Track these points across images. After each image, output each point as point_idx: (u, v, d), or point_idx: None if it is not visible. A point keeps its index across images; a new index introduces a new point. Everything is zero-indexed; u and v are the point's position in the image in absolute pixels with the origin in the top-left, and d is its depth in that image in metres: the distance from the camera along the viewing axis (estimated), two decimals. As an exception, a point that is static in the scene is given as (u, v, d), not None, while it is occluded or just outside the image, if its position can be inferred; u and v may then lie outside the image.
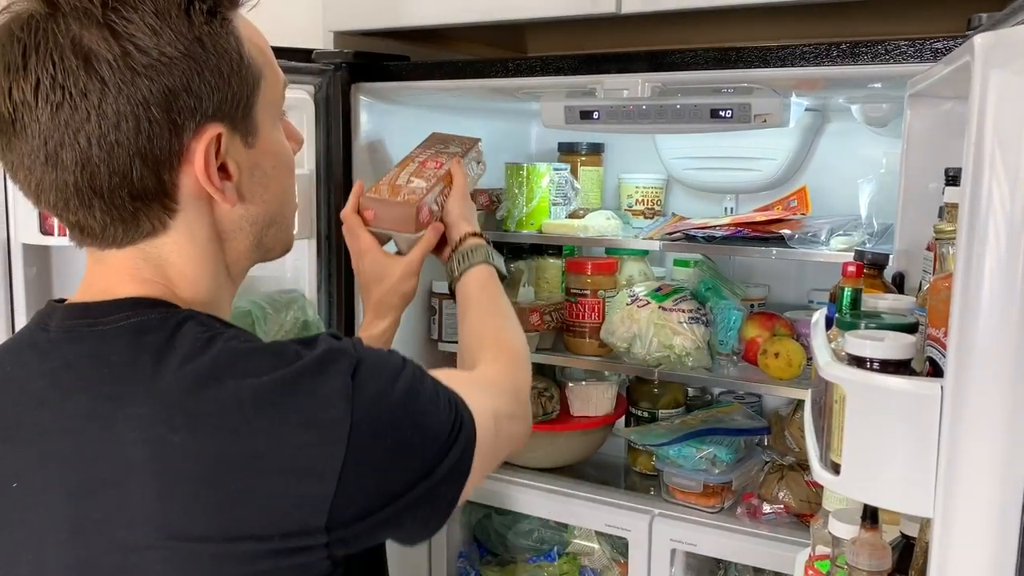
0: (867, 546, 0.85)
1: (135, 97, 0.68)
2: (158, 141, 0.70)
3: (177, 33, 0.69)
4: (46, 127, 0.68)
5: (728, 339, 1.57)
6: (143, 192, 0.72)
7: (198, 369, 0.70)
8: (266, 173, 0.80)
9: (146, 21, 0.68)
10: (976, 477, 0.68)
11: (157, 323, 0.73)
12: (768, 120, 1.35)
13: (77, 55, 0.67)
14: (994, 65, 0.65)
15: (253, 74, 0.75)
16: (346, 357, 0.73)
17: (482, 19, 1.46)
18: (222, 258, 0.80)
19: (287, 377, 0.70)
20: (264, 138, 0.79)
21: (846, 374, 0.77)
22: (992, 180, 0.65)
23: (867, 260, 1.04)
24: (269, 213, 0.81)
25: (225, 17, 0.73)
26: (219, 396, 0.69)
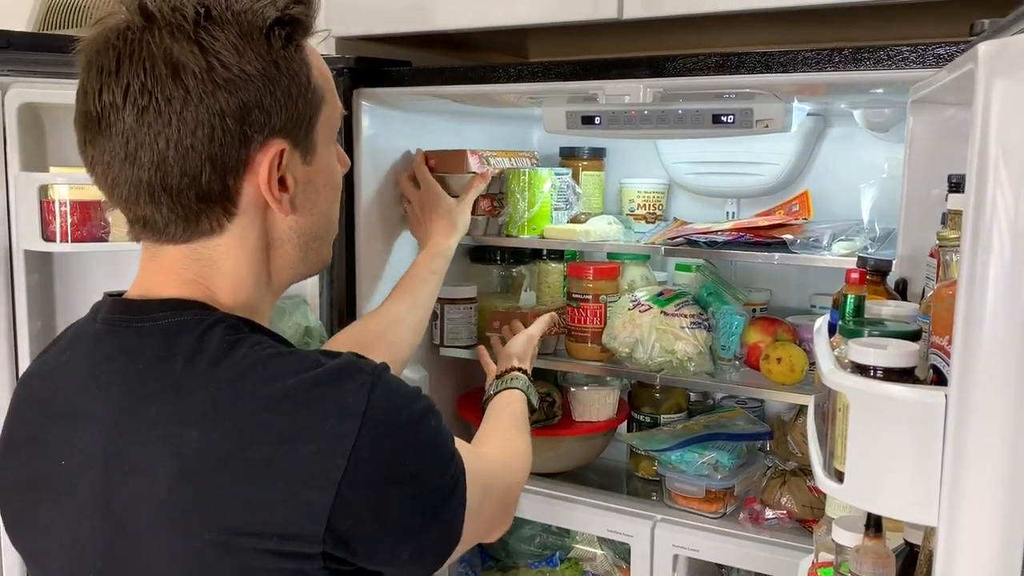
0: (871, 554, 0.84)
1: (213, 108, 0.75)
2: (228, 150, 0.76)
3: (257, 54, 0.76)
4: (130, 128, 0.75)
5: (730, 344, 1.57)
6: (208, 194, 0.78)
7: (219, 373, 0.75)
8: (317, 190, 0.85)
9: (230, 40, 0.75)
10: (981, 486, 0.68)
11: (191, 325, 0.78)
12: (770, 125, 1.35)
13: (167, 65, 0.74)
14: (998, 73, 0.64)
15: (317, 98, 0.82)
16: (364, 374, 0.76)
17: (484, 25, 1.46)
18: (267, 266, 0.84)
19: (303, 384, 0.74)
20: (320, 157, 0.85)
21: (849, 382, 0.76)
22: (996, 188, 0.65)
23: (870, 266, 1.04)
24: (315, 226, 0.87)
25: (299, 44, 0.80)
26: (236, 400, 0.73)
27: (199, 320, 0.78)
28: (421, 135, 1.74)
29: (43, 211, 1.27)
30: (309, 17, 0.81)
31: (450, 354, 1.77)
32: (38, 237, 1.26)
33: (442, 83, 1.49)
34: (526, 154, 1.87)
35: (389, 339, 1.40)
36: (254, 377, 0.74)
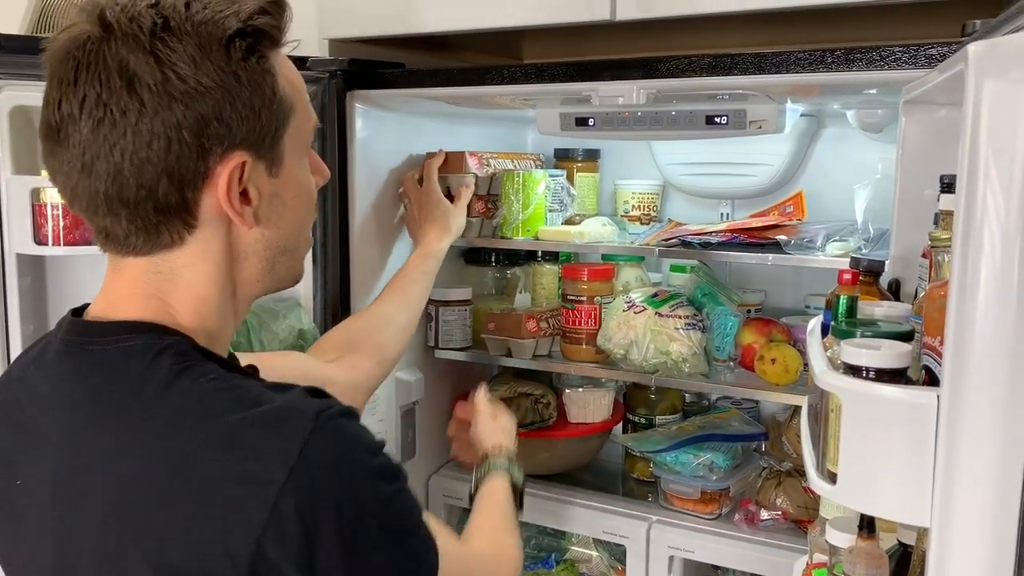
0: (864, 555, 0.85)
1: (169, 120, 0.73)
2: (185, 162, 0.75)
3: (216, 66, 0.74)
4: (86, 139, 0.74)
5: (725, 345, 1.57)
6: (167, 207, 0.76)
7: (161, 406, 0.74)
8: (285, 202, 0.83)
9: (188, 52, 0.73)
10: (973, 485, 0.68)
11: (140, 351, 0.76)
12: (763, 126, 1.36)
13: (122, 76, 0.73)
14: (988, 74, 0.65)
15: (284, 109, 0.80)
16: (305, 419, 0.71)
17: (477, 26, 1.46)
18: (231, 279, 0.83)
19: (239, 424, 0.71)
20: (288, 169, 0.83)
21: (842, 383, 0.77)
22: (987, 189, 0.65)
23: (863, 267, 1.04)
24: (283, 240, 0.85)
25: (263, 55, 0.78)
26: (174, 435, 0.72)
27: (149, 346, 0.76)
28: (415, 137, 1.74)
29: (35, 214, 1.26)
30: (277, 28, 0.79)
31: (445, 356, 1.77)
32: (30, 240, 1.25)
33: (435, 85, 1.49)
34: (530, 156, 1.88)
35: (377, 339, 1.39)
36: (195, 412, 0.73)
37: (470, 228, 1.73)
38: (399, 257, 1.72)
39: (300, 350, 1.43)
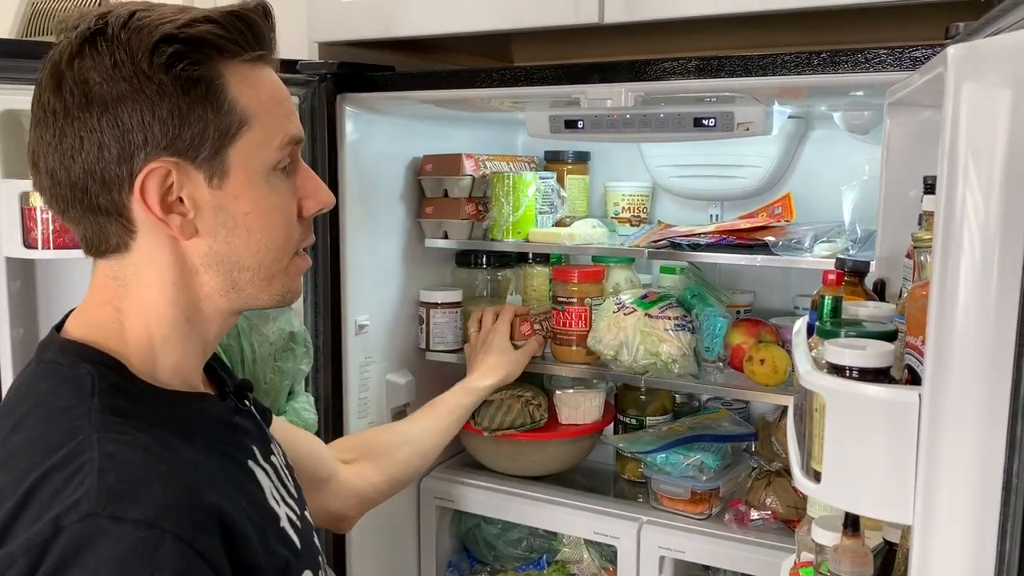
0: (849, 553, 0.85)
1: (89, 123, 0.75)
2: (108, 165, 0.76)
3: (138, 72, 0.75)
4: (32, 140, 0.79)
5: (714, 346, 1.58)
6: (99, 208, 0.78)
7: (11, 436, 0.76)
8: (234, 217, 0.81)
9: (114, 56, 0.75)
10: (955, 483, 0.69)
11: (54, 373, 0.80)
12: (751, 128, 1.36)
13: (53, 79, 0.76)
14: (967, 77, 0.65)
15: (230, 121, 0.79)
16: (74, 511, 0.66)
17: (467, 30, 1.47)
18: (188, 293, 0.83)
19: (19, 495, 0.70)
20: (236, 183, 0.80)
21: (825, 382, 0.77)
22: (966, 190, 0.66)
23: (848, 268, 1.04)
24: (237, 256, 0.82)
25: (196, 62, 0.77)
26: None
27: (66, 368, 0.79)
28: (406, 140, 1.75)
29: (25, 218, 1.26)
30: (223, 37, 0.78)
31: (436, 358, 1.77)
32: (19, 244, 1.25)
33: (425, 88, 1.50)
34: (524, 159, 1.88)
35: (395, 456, 1.38)
36: (10, 460, 0.73)
37: (460, 230, 1.74)
38: (390, 260, 1.73)
39: (291, 352, 1.43)
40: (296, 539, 0.87)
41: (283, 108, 0.83)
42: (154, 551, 0.66)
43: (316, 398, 1.52)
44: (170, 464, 0.74)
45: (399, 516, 1.76)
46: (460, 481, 1.76)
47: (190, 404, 0.84)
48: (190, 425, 0.81)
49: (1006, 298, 0.65)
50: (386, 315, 1.72)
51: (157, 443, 0.75)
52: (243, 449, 0.88)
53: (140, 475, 0.71)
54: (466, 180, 1.71)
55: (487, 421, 1.69)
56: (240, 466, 0.85)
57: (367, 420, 1.65)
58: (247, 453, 0.88)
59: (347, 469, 1.28)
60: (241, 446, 0.88)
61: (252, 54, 0.80)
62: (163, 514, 0.68)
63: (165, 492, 0.70)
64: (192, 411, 0.83)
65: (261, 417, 1.02)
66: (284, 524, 0.86)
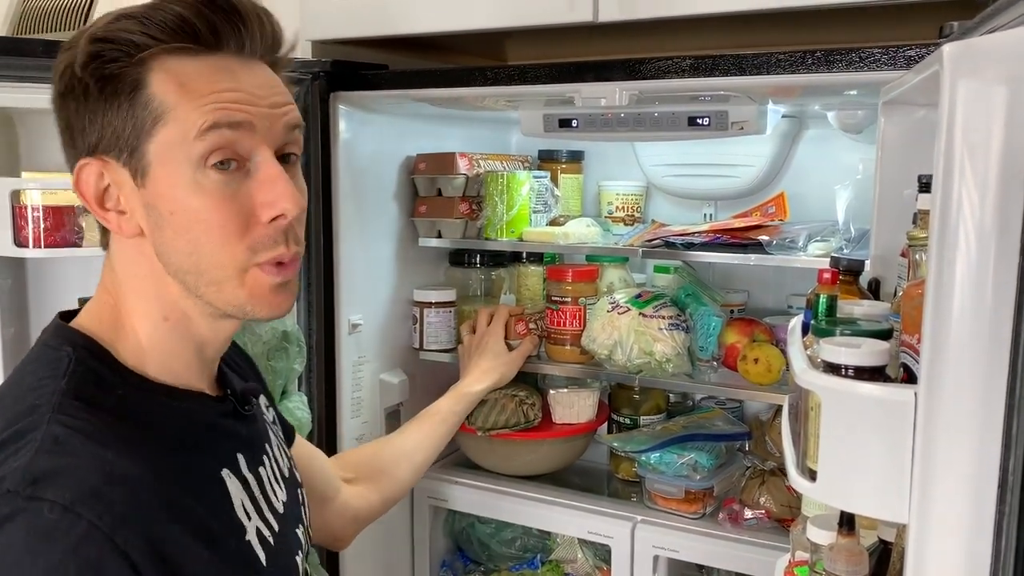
0: (844, 552, 0.85)
1: (59, 124, 0.81)
2: (70, 162, 0.81)
3: (69, 75, 0.77)
4: None
5: (708, 345, 1.57)
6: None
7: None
8: (163, 217, 0.78)
9: (61, 63, 0.78)
10: (950, 482, 0.69)
11: (43, 354, 0.81)
12: (745, 127, 1.36)
13: None
14: (962, 75, 0.65)
15: (146, 116, 0.76)
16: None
17: (461, 28, 1.46)
18: (166, 292, 0.82)
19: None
20: (158, 181, 0.77)
21: (821, 381, 0.77)
22: (962, 188, 0.66)
23: (842, 266, 1.04)
24: (176, 259, 0.79)
25: (113, 60, 0.76)
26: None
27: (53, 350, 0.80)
28: (400, 139, 1.74)
29: (15, 216, 1.25)
30: (144, 33, 0.75)
31: (430, 358, 1.77)
32: (10, 243, 1.24)
33: (419, 86, 1.49)
34: (518, 158, 1.88)
35: (392, 473, 1.38)
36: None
37: (454, 230, 1.73)
38: (384, 259, 1.73)
39: (284, 352, 1.42)
40: (262, 555, 0.83)
41: (212, 98, 0.76)
42: (66, 535, 0.65)
43: (309, 397, 1.52)
44: (116, 454, 0.72)
45: (393, 516, 1.75)
46: (454, 481, 1.76)
47: (173, 401, 0.82)
48: (160, 422, 0.79)
49: (1002, 296, 0.65)
50: (379, 314, 1.71)
51: (112, 433, 0.74)
52: (219, 455, 0.85)
53: (74, 461, 0.70)
54: (460, 179, 1.71)
55: (481, 421, 1.68)
56: (207, 472, 0.82)
57: (360, 419, 1.65)
58: (223, 460, 0.85)
59: (348, 489, 1.27)
60: (217, 452, 0.85)
61: (175, 46, 0.76)
62: (84, 500, 0.67)
63: (95, 480, 0.69)
64: (170, 409, 0.81)
65: (284, 432, 1.03)
66: (250, 537, 0.83)
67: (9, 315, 1.28)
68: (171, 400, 0.82)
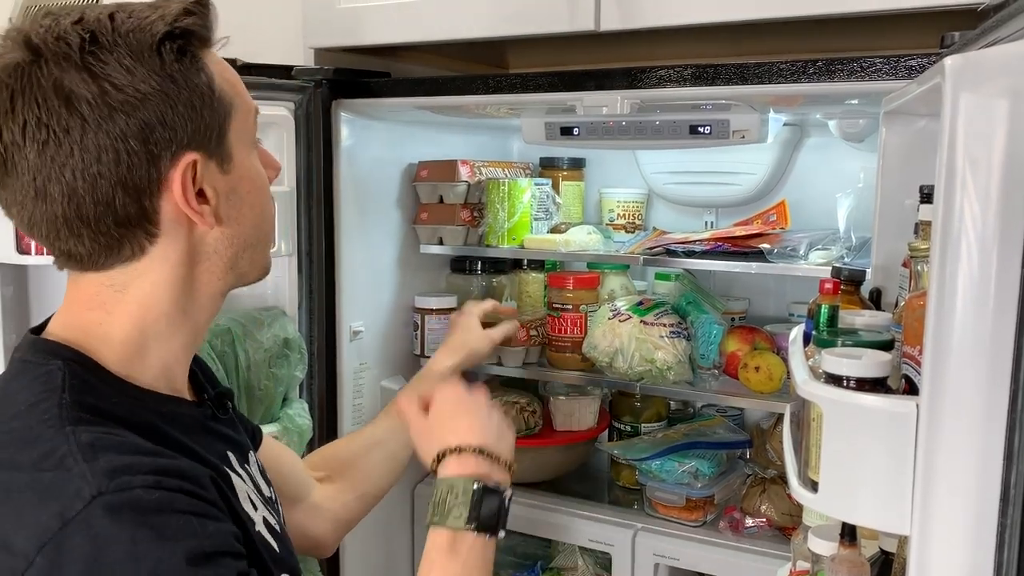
0: (846, 563, 0.85)
1: (114, 132, 0.74)
2: (137, 171, 0.76)
3: (151, 71, 0.75)
4: (34, 164, 0.74)
5: (709, 353, 1.58)
6: (127, 219, 0.77)
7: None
8: (241, 197, 0.84)
9: (121, 62, 0.74)
10: (952, 494, 0.69)
11: (28, 370, 0.78)
12: (746, 136, 1.36)
13: (59, 96, 0.73)
14: (964, 88, 0.65)
15: (224, 106, 0.81)
16: (77, 499, 0.67)
17: (463, 36, 1.47)
18: (190, 282, 0.83)
19: (11, 484, 0.70)
20: (238, 164, 0.84)
21: (822, 392, 0.77)
22: (964, 200, 0.66)
23: (844, 276, 1.04)
24: (244, 235, 0.85)
25: (195, 55, 0.79)
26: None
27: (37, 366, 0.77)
28: (401, 146, 1.75)
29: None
30: (204, 28, 0.80)
31: (431, 364, 1.77)
32: (12, 250, 1.24)
33: (421, 94, 1.50)
34: (520, 165, 1.88)
35: (363, 467, 1.26)
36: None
37: (455, 236, 1.74)
38: (385, 266, 1.73)
39: (285, 359, 1.42)
40: (274, 543, 0.87)
41: (242, 85, 0.86)
42: (171, 504, 0.69)
43: (310, 404, 1.52)
44: (151, 449, 0.75)
45: (393, 522, 1.75)
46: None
47: (163, 405, 0.83)
48: (161, 425, 0.80)
49: (1003, 308, 0.65)
50: (380, 321, 1.71)
51: (130, 436, 0.75)
52: (216, 453, 0.87)
53: (126, 452, 0.71)
54: (461, 186, 1.72)
55: (482, 428, 1.68)
56: (212, 467, 0.83)
57: (361, 426, 1.64)
58: (221, 457, 0.87)
59: (322, 489, 1.21)
60: (214, 450, 0.87)
61: (217, 40, 0.82)
62: (163, 475, 0.71)
63: (156, 462, 0.72)
64: (163, 412, 0.82)
65: (251, 436, 1.01)
66: (260, 528, 0.86)
67: (11, 322, 1.28)
68: (162, 405, 0.83)
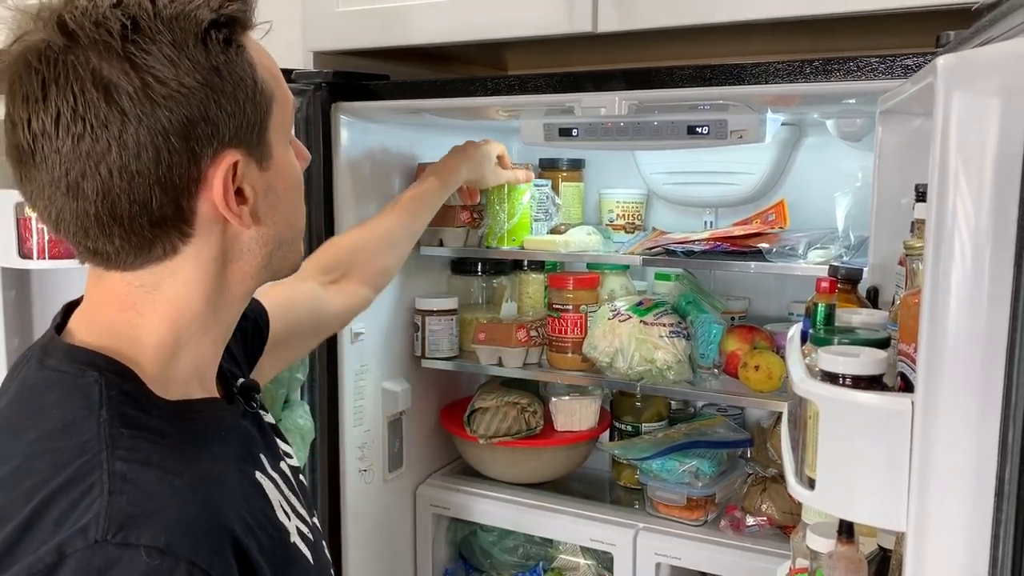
0: (843, 560, 0.85)
1: (155, 127, 0.69)
2: (177, 169, 0.71)
3: (195, 63, 0.70)
4: (67, 158, 0.69)
5: (709, 352, 1.58)
6: (162, 219, 0.72)
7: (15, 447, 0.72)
8: (278, 194, 0.80)
9: (164, 52, 0.69)
10: (947, 491, 0.69)
11: (62, 382, 0.74)
12: (744, 136, 1.37)
13: (97, 87, 0.68)
14: (956, 87, 0.66)
15: (266, 98, 0.76)
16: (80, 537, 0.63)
17: (461, 38, 1.47)
18: (220, 282, 0.79)
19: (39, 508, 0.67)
20: (277, 160, 0.79)
21: (819, 390, 0.78)
22: (957, 199, 0.66)
23: (841, 275, 1.05)
24: (279, 233, 0.81)
25: (240, 44, 0.74)
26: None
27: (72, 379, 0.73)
28: (401, 148, 1.75)
29: (20, 228, 1.27)
30: (247, 13, 0.74)
31: (432, 366, 1.78)
32: (15, 254, 1.25)
33: (420, 97, 1.50)
34: (519, 166, 1.88)
35: (378, 262, 1.39)
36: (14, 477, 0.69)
37: (456, 238, 1.74)
38: (385, 267, 1.73)
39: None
40: (308, 554, 0.84)
41: (280, 74, 0.80)
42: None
43: (312, 407, 1.52)
44: (186, 480, 0.70)
45: (395, 524, 1.76)
46: (456, 488, 1.77)
47: (201, 411, 0.80)
48: (204, 435, 0.77)
49: (997, 306, 0.65)
50: (381, 323, 1.72)
51: (172, 455, 0.71)
52: (253, 459, 0.84)
53: (153, 496, 0.67)
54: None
55: (483, 428, 1.69)
56: (251, 480, 0.81)
57: (363, 428, 1.65)
58: (256, 464, 0.84)
59: (338, 295, 1.29)
60: (250, 456, 0.84)
61: (256, 24, 0.77)
62: (178, 539, 0.65)
63: (181, 513, 0.67)
64: (204, 419, 0.79)
65: (255, 332, 1.02)
66: (295, 539, 0.82)
67: (14, 326, 1.29)
68: (200, 410, 0.80)
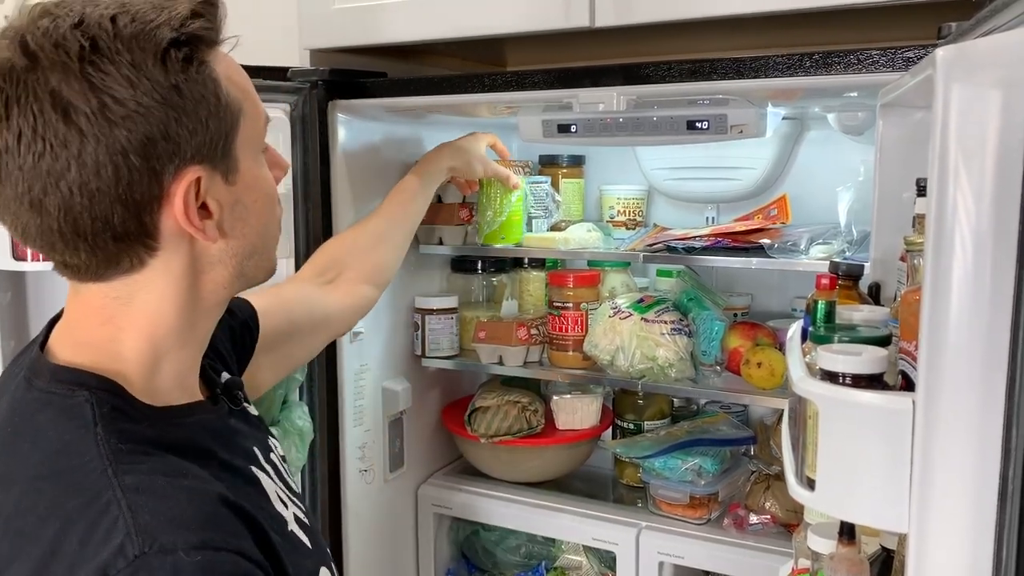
0: (845, 562, 0.84)
1: (114, 147, 0.70)
2: (137, 187, 0.72)
3: (154, 83, 0.71)
4: (29, 175, 0.71)
5: (711, 349, 1.57)
6: (125, 234, 0.74)
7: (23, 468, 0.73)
8: (247, 207, 0.81)
9: (122, 72, 0.70)
10: (949, 490, 0.68)
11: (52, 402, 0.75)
12: (744, 131, 1.35)
13: (56, 108, 0.69)
14: (955, 79, 0.65)
15: (232, 113, 0.77)
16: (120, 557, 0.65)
17: (458, 35, 1.46)
18: (196, 292, 0.80)
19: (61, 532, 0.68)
20: (244, 174, 0.80)
21: (818, 389, 0.76)
22: (957, 193, 0.65)
23: (842, 271, 1.04)
24: (250, 245, 0.82)
25: (202, 61, 0.74)
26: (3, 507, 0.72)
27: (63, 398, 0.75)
28: (399, 146, 1.74)
29: (14, 230, 1.26)
30: (212, 30, 0.75)
31: (432, 365, 1.77)
32: (9, 256, 1.24)
33: (417, 94, 1.49)
34: (519, 163, 1.86)
35: (374, 260, 1.40)
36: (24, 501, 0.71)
37: (455, 236, 1.73)
38: (384, 266, 1.72)
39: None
40: (307, 540, 0.86)
41: (251, 87, 0.82)
42: (212, 569, 0.66)
43: (311, 407, 1.51)
44: (191, 480, 0.73)
45: (397, 524, 1.75)
46: (458, 488, 1.76)
47: (187, 417, 0.81)
48: (193, 440, 0.79)
49: (999, 301, 0.64)
50: (381, 322, 1.71)
51: (171, 460, 0.74)
52: (245, 454, 0.86)
53: (169, 500, 0.69)
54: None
55: (484, 428, 1.68)
56: (245, 475, 0.83)
57: (363, 428, 1.64)
58: (249, 458, 0.86)
59: (335, 293, 1.30)
60: (242, 451, 0.86)
61: (225, 40, 0.78)
62: (208, 533, 0.68)
63: (200, 509, 0.70)
64: (192, 423, 0.81)
65: (245, 332, 1.03)
66: (292, 527, 0.85)
67: (9, 329, 1.29)
68: (186, 416, 0.81)
